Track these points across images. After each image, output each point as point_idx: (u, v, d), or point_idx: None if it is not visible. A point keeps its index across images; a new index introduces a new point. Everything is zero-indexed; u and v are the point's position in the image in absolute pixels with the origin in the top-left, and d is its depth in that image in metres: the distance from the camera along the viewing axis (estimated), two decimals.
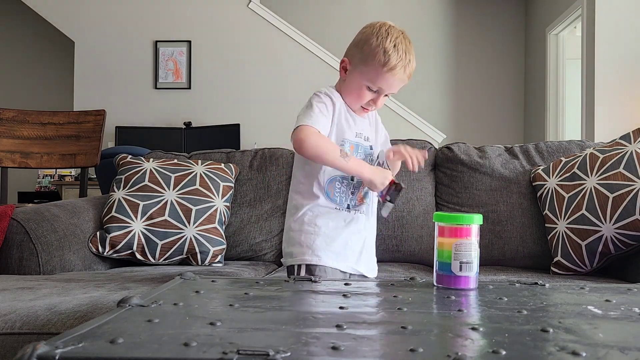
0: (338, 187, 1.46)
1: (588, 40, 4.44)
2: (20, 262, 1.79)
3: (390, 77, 1.42)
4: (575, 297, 0.98)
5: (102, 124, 2.82)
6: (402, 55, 1.41)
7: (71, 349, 0.62)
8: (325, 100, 1.45)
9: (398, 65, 1.41)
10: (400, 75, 1.43)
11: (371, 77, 1.43)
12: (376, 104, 1.47)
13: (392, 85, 1.44)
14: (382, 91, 1.45)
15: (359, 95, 1.46)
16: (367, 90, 1.45)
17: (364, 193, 1.50)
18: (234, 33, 5.04)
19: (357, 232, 1.49)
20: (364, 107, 1.49)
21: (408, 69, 1.44)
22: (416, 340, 0.69)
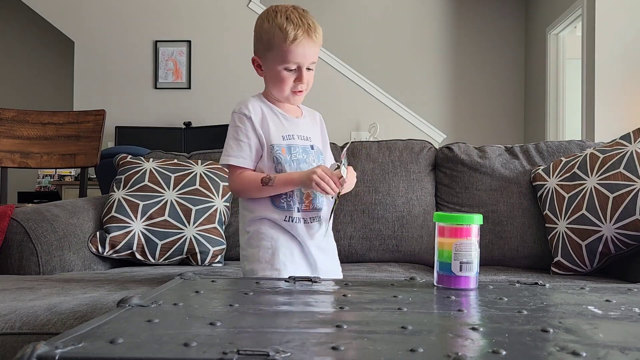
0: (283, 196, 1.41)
1: (588, 40, 4.44)
2: (20, 262, 1.79)
3: (298, 47, 1.37)
4: (575, 297, 0.98)
5: (102, 124, 2.82)
6: (299, 22, 1.38)
7: (71, 349, 0.62)
8: (239, 123, 1.42)
9: (299, 34, 1.37)
10: (306, 42, 1.38)
11: (282, 58, 1.39)
12: (302, 81, 1.40)
13: (305, 54, 1.38)
14: (300, 65, 1.39)
15: (282, 81, 1.41)
16: (286, 72, 1.40)
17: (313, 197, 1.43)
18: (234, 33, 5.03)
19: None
20: (294, 92, 1.42)
21: (312, 32, 1.39)
22: (416, 340, 0.69)
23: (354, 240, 2.08)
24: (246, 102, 1.45)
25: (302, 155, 1.42)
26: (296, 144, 1.43)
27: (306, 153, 1.44)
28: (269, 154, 1.40)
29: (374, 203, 2.10)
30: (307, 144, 1.46)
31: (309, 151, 1.45)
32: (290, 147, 1.42)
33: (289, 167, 1.39)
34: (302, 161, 1.42)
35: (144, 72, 5.04)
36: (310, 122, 1.52)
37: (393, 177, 2.14)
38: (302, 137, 1.45)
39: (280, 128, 1.43)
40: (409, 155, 2.19)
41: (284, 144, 1.41)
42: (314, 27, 1.40)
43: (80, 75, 5.05)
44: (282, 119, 1.45)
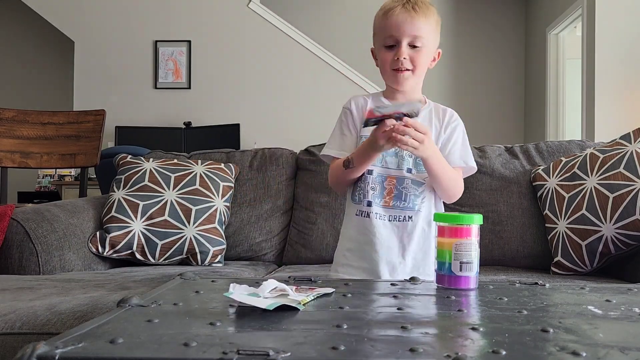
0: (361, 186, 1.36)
1: (588, 40, 4.44)
2: (20, 262, 1.79)
3: (390, 19, 1.32)
4: (575, 297, 0.97)
5: (102, 124, 2.82)
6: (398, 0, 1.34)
7: (71, 349, 0.62)
8: (342, 117, 1.42)
9: (393, 5, 1.33)
10: (401, 12, 1.32)
11: (380, 35, 1.35)
12: (400, 56, 1.32)
13: (400, 25, 1.31)
14: (397, 39, 1.32)
15: (383, 61, 1.35)
16: (385, 50, 1.34)
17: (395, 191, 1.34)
18: (234, 33, 5.03)
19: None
20: (395, 70, 1.34)
21: (409, 5, 1.32)
22: (416, 340, 0.69)
23: None
24: (355, 97, 1.44)
25: (394, 149, 1.31)
26: None
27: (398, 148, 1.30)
28: (358, 142, 1.35)
29: None
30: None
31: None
32: None
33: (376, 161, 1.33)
34: (391, 154, 1.33)
35: (144, 72, 5.05)
36: (428, 117, 1.40)
37: None
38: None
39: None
40: None
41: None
42: (414, 1, 1.34)
43: (80, 75, 5.05)
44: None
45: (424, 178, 1.35)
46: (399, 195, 1.33)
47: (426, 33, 1.33)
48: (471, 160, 1.43)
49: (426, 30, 1.33)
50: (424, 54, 1.34)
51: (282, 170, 2.25)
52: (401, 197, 1.33)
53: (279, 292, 0.91)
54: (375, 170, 1.34)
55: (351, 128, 1.39)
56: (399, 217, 1.34)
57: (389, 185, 1.33)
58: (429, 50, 1.36)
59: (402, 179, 1.34)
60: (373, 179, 1.34)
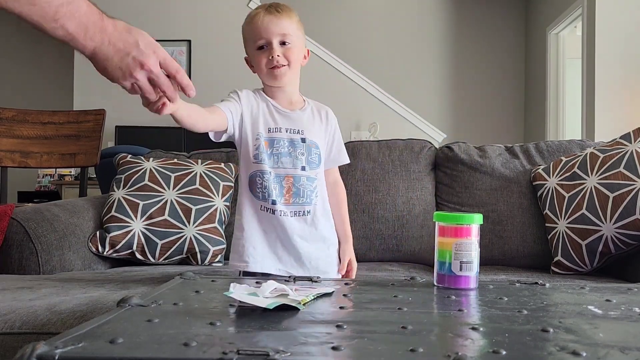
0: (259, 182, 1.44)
1: (588, 40, 4.44)
2: (20, 262, 1.79)
3: (257, 22, 1.43)
4: (575, 297, 0.97)
5: (102, 124, 2.82)
6: (260, 7, 1.45)
7: (71, 349, 0.62)
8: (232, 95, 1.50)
9: (258, 11, 1.44)
10: (265, 16, 1.42)
11: (251, 40, 1.45)
12: (273, 54, 1.42)
13: (268, 27, 1.42)
14: (266, 40, 1.42)
15: (258, 61, 1.45)
16: (258, 52, 1.44)
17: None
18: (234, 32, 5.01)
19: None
20: (271, 68, 1.44)
21: (272, 8, 1.44)
22: (416, 340, 0.68)
23: (354, 239, 2.06)
24: (244, 89, 1.51)
25: (287, 149, 1.44)
26: (281, 137, 1.45)
27: (293, 146, 1.45)
28: (253, 142, 1.44)
29: (374, 203, 2.10)
30: (296, 137, 1.46)
31: (298, 144, 1.46)
32: (274, 140, 1.44)
33: (268, 160, 1.43)
34: (285, 154, 1.44)
35: None
36: (311, 116, 1.52)
37: (393, 177, 2.14)
38: (291, 130, 1.46)
39: (267, 120, 1.46)
40: (409, 154, 2.18)
41: (266, 137, 1.44)
42: (275, 5, 1.45)
43: (80, 75, 5.05)
44: (273, 111, 1.47)
45: (316, 174, 1.47)
46: (297, 193, 1.44)
47: (293, 31, 1.44)
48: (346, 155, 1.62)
49: (292, 28, 1.44)
50: (294, 51, 1.45)
51: None
52: (299, 194, 1.44)
53: (279, 292, 0.91)
54: (273, 172, 1.43)
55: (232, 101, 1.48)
56: (299, 212, 1.45)
57: (287, 184, 1.44)
58: (298, 47, 1.46)
59: (299, 177, 1.45)
60: (272, 179, 1.43)
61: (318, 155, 1.48)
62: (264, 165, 1.43)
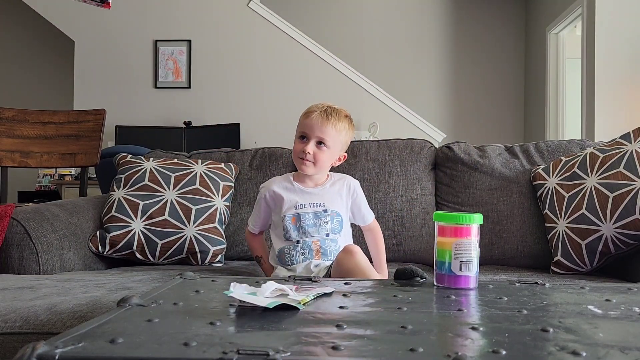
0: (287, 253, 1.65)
1: (588, 40, 4.44)
2: (20, 262, 1.79)
3: (307, 120, 1.63)
4: (575, 297, 0.97)
5: (102, 124, 2.82)
6: (320, 106, 1.66)
7: (71, 349, 0.62)
8: (259, 201, 1.74)
9: (313, 110, 1.64)
10: (317, 117, 1.62)
11: (298, 129, 1.67)
12: (307, 150, 1.62)
13: (313, 126, 1.62)
14: (307, 136, 1.63)
15: (295, 148, 1.66)
16: (299, 140, 1.66)
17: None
18: (234, 32, 5.03)
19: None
20: (300, 158, 1.64)
21: (326, 114, 1.63)
22: (416, 340, 0.69)
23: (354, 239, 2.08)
24: (268, 182, 1.74)
25: (313, 220, 1.64)
26: (307, 212, 1.65)
27: (317, 217, 1.65)
28: (279, 223, 1.66)
29: (374, 202, 2.10)
30: (319, 209, 1.66)
31: (321, 214, 1.65)
32: (300, 215, 1.65)
33: (295, 233, 1.63)
34: (311, 225, 1.64)
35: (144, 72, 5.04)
36: (330, 189, 1.71)
37: (393, 177, 2.14)
38: (314, 205, 1.67)
39: (292, 200, 1.67)
40: (409, 154, 2.18)
41: (292, 213, 1.65)
42: (331, 111, 1.65)
43: (80, 75, 5.05)
44: (298, 192, 1.69)
45: (338, 237, 1.66)
46: (324, 253, 1.63)
47: (331, 138, 1.64)
48: (371, 212, 1.80)
49: (332, 135, 1.64)
50: (326, 153, 1.65)
51: (282, 170, 2.25)
52: (327, 254, 1.63)
53: (279, 292, 0.91)
54: (301, 240, 1.63)
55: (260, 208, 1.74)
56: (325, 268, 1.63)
57: (315, 247, 1.63)
58: (332, 151, 1.66)
59: (324, 241, 1.64)
60: (301, 247, 1.63)
61: (340, 222, 1.67)
62: (291, 242, 1.64)
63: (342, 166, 2.19)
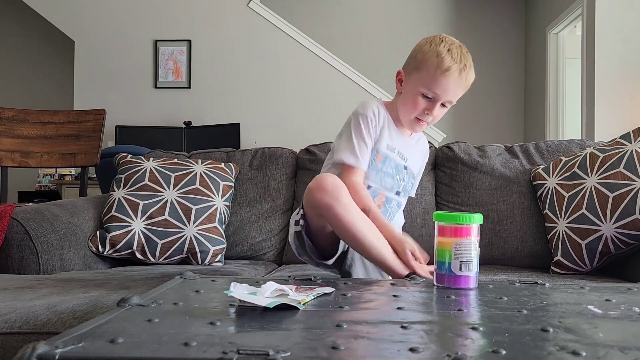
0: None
1: (588, 40, 4.44)
2: (20, 262, 1.79)
3: (444, 79, 1.36)
4: (575, 297, 0.98)
5: (102, 123, 2.82)
6: (457, 59, 1.38)
7: (71, 349, 0.62)
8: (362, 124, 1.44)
9: (452, 67, 1.36)
10: (455, 78, 1.37)
11: (425, 82, 1.38)
12: (432, 113, 1.40)
13: (448, 89, 1.38)
14: (437, 98, 1.39)
15: (414, 103, 1.41)
16: (422, 98, 1.40)
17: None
18: (234, 32, 5.03)
19: None
20: (418, 119, 1.42)
21: (464, 73, 1.38)
22: (416, 340, 0.69)
23: None
24: (371, 104, 1.47)
25: (392, 171, 1.47)
26: (393, 158, 1.47)
27: (397, 170, 1.48)
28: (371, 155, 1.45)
29: None
30: (402, 163, 1.50)
31: (401, 170, 1.49)
32: (387, 158, 1.46)
33: (373, 174, 1.44)
34: (388, 175, 1.46)
35: (144, 72, 5.04)
36: (415, 145, 1.55)
37: None
38: (400, 154, 1.49)
39: (387, 138, 1.46)
40: None
41: (383, 152, 1.45)
42: (468, 72, 1.40)
43: (80, 75, 5.05)
44: (393, 131, 1.48)
45: (404, 202, 1.53)
46: (384, 212, 1.47)
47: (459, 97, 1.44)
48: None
49: (461, 95, 1.44)
50: (446, 111, 1.45)
51: (282, 170, 2.25)
52: (385, 214, 1.47)
53: (278, 292, 0.91)
54: (373, 186, 1.46)
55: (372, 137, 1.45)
56: None
57: (380, 201, 1.47)
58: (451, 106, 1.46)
59: (391, 199, 1.49)
60: (370, 192, 1.44)
61: (412, 185, 1.53)
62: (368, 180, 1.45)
63: None
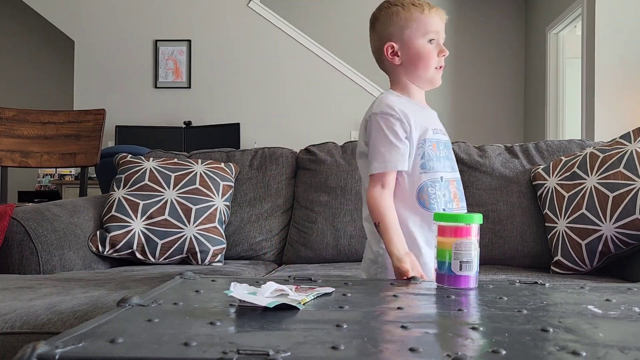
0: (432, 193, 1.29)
1: (588, 40, 4.44)
2: (20, 262, 1.79)
3: (435, 16, 1.31)
4: (575, 297, 0.97)
5: (102, 123, 2.82)
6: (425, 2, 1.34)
7: (71, 349, 0.62)
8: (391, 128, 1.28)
9: (426, 6, 1.32)
10: (437, 12, 1.32)
11: (424, 28, 1.31)
12: (445, 52, 1.32)
13: (442, 25, 1.32)
14: (438, 36, 1.32)
15: (427, 55, 1.31)
16: (429, 45, 1.31)
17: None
18: (234, 32, 5.03)
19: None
20: (436, 68, 1.33)
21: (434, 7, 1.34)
22: (416, 340, 0.69)
23: (354, 239, 2.08)
24: (386, 101, 1.32)
25: (445, 152, 1.33)
26: (440, 139, 1.33)
27: (447, 149, 1.34)
28: (417, 152, 1.29)
29: None
30: (446, 138, 1.36)
31: (448, 145, 1.36)
32: (439, 142, 1.32)
33: (438, 164, 1.29)
34: (445, 158, 1.32)
35: (144, 72, 5.04)
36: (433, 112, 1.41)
37: None
38: (442, 132, 1.35)
39: (425, 121, 1.32)
40: None
41: (433, 139, 1.31)
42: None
43: (80, 75, 5.05)
44: (420, 112, 1.33)
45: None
46: (461, 197, 1.34)
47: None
48: None
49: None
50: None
51: (282, 170, 2.25)
52: (462, 199, 1.34)
53: (278, 292, 0.91)
54: (444, 177, 1.30)
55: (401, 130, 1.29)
56: None
57: (453, 188, 1.32)
58: None
59: (459, 180, 1.35)
60: (441, 185, 1.29)
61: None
62: (435, 173, 1.29)
63: (340, 165, 2.19)
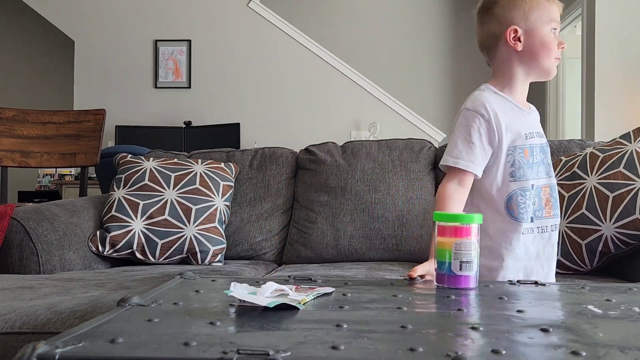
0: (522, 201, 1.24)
1: (588, 40, 4.44)
2: (20, 262, 1.79)
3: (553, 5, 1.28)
4: (575, 297, 0.97)
5: (102, 123, 2.82)
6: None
7: (71, 349, 0.62)
8: (472, 122, 1.23)
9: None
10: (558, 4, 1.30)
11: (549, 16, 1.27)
12: (563, 44, 1.27)
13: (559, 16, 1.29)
14: (558, 26, 1.28)
15: (550, 43, 1.25)
16: (551, 33, 1.27)
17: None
18: (234, 32, 5.03)
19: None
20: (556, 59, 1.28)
21: None
22: (416, 340, 0.69)
23: (354, 239, 2.08)
24: (481, 99, 1.26)
25: (541, 155, 1.27)
26: (534, 144, 1.26)
27: (544, 153, 1.28)
28: (507, 159, 1.23)
29: (374, 202, 2.10)
30: (543, 141, 1.29)
31: (545, 148, 1.29)
32: (533, 148, 1.25)
33: (529, 172, 1.23)
34: (540, 163, 1.26)
35: (144, 72, 5.04)
36: (534, 113, 1.35)
37: (393, 177, 2.14)
38: (539, 134, 1.28)
39: (519, 125, 1.25)
40: (409, 154, 2.18)
41: (526, 145, 1.24)
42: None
43: (80, 75, 5.05)
44: (519, 113, 1.27)
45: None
46: (555, 204, 1.29)
47: None
48: None
49: None
50: None
51: (282, 170, 2.25)
52: (555, 207, 1.29)
53: (278, 292, 0.91)
54: (535, 184, 1.25)
55: (484, 139, 1.23)
56: (551, 226, 1.29)
57: (545, 195, 1.27)
58: None
59: (554, 186, 1.30)
60: (531, 193, 1.25)
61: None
62: (526, 181, 1.23)
63: (340, 165, 2.19)
